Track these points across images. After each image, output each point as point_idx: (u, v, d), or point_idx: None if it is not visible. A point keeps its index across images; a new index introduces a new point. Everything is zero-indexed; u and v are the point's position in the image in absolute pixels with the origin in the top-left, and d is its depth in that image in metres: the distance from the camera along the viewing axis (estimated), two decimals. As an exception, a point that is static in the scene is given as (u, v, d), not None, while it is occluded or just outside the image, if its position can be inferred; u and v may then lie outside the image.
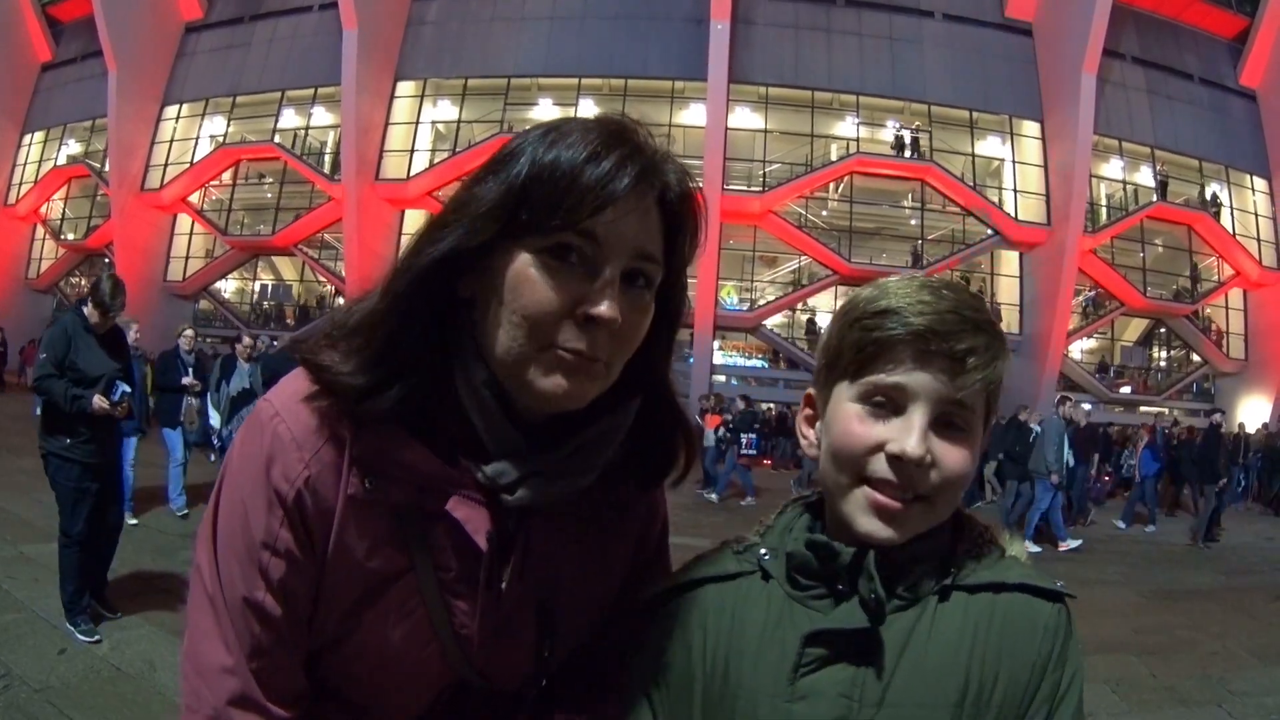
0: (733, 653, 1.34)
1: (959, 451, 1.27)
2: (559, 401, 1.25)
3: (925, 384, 1.26)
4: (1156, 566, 13.81)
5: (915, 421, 1.25)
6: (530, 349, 1.22)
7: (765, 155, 37.07)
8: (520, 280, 1.21)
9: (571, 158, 1.20)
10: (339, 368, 1.27)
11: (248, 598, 1.27)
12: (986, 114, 37.57)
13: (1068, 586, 1.36)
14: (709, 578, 1.43)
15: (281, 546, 1.27)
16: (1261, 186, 39.49)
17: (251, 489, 1.28)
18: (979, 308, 1.30)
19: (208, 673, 1.28)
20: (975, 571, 1.32)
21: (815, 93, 37.35)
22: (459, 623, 1.35)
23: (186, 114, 41.97)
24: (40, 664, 5.97)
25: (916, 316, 1.25)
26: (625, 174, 1.20)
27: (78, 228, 44.88)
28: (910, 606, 1.29)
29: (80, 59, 44.46)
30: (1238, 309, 39.98)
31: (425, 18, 38.44)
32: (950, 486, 1.28)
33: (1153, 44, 39.39)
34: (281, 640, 1.30)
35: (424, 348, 1.27)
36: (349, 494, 1.28)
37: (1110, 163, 38.74)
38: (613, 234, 1.21)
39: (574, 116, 1.32)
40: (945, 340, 1.25)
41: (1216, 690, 7.38)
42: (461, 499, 1.30)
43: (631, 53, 36.92)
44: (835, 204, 38.29)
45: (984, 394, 1.29)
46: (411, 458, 1.28)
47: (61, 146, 45.68)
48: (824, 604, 1.31)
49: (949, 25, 38.02)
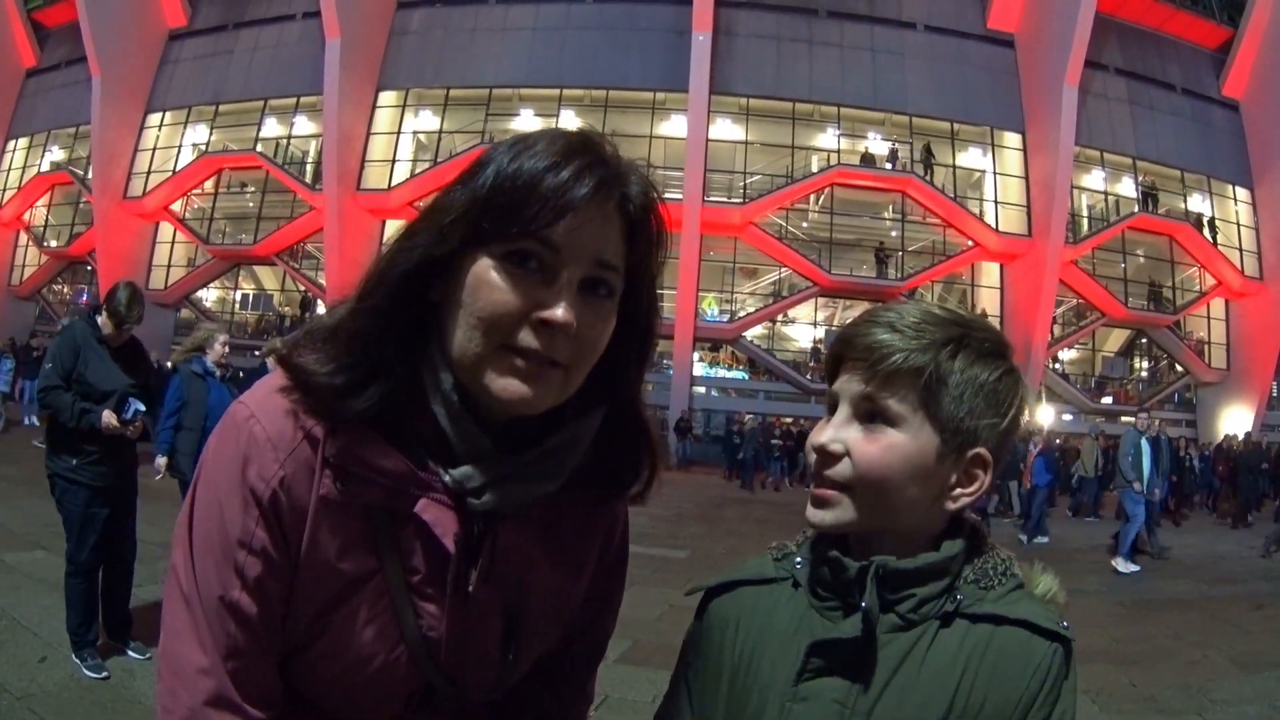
0: (758, 651, 1.44)
1: (873, 441, 1.34)
2: (515, 404, 1.27)
3: (843, 384, 1.39)
4: (1136, 576, 13.81)
5: (836, 417, 1.39)
6: (486, 350, 1.25)
7: (746, 167, 37.13)
8: (479, 283, 1.24)
9: (533, 167, 1.23)
10: (317, 369, 1.30)
11: (224, 597, 1.29)
12: (968, 125, 37.72)
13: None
14: (749, 580, 1.54)
15: (258, 545, 1.29)
16: (1244, 196, 39.61)
17: (228, 489, 1.29)
18: (924, 319, 1.38)
19: (183, 673, 1.29)
20: (982, 601, 1.35)
21: (796, 104, 37.45)
22: (426, 624, 1.37)
23: (169, 121, 41.99)
24: (21, 672, 5.95)
25: (847, 332, 1.42)
26: (584, 183, 1.23)
27: (60, 235, 44.90)
28: (911, 628, 1.33)
29: (64, 65, 44.52)
30: (1219, 319, 40.05)
31: (408, 28, 38.49)
32: (866, 481, 1.34)
33: (1135, 55, 39.56)
34: (257, 641, 1.31)
35: (398, 351, 1.30)
36: (321, 494, 1.30)
37: (1092, 174, 38.93)
38: (571, 241, 1.23)
39: (549, 129, 1.36)
40: (856, 346, 1.37)
41: (1197, 699, 7.34)
42: (430, 501, 1.32)
43: (613, 64, 37.01)
44: (816, 216, 38.42)
45: (912, 389, 1.34)
46: (382, 460, 1.30)
47: (45, 153, 45.67)
48: (837, 615, 1.38)
49: (931, 37, 38.15)
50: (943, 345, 1.35)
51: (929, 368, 1.33)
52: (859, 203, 37.88)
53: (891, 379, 1.33)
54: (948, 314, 1.40)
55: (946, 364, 1.34)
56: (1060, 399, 37.31)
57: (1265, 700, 7.39)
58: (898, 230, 37.79)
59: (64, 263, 45.38)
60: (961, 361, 1.35)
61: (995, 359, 1.39)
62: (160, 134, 41.87)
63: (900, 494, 1.35)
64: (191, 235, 41.04)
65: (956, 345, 1.36)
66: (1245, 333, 38.67)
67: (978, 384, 1.35)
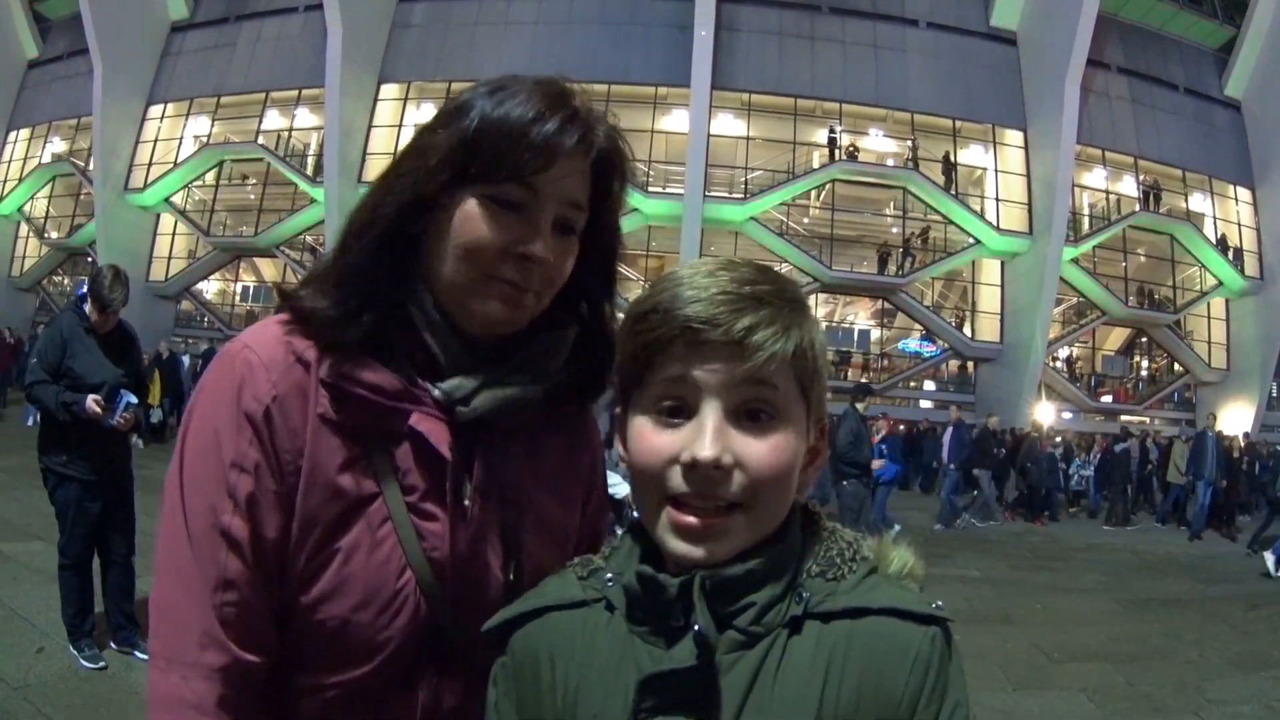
0: (581, 689, 1.19)
1: (765, 445, 1.12)
2: (495, 325, 1.40)
3: (707, 377, 1.12)
4: (1133, 575, 13.81)
5: (707, 421, 1.11)
6: (471, 279, 1.37)
7: (747, 162, 37.13)
8: (467, 220, 1.35)
9: (520, 116, 1.33)
10: (316, 303, 1.40)
11: (216, 524, 1.32)
12: (970, 122, 37.71)
13: (1043, 597, 1.23)
14: (555, 605, 1.27)
15: (249, 464, 1.33)
16: (1245, 196, 39.66)
17: (224, 415, 1.35)
18: (758, 279, 1.15)
19: (173, 610, 1.33)
20: (833, 595, 1.15)
21: (798, 100, 37.44)
22: (429, 545, 1.40)
23: (171, 113, 41.97)
24: (18, 662, 5.97)
25: (685, 307, 1.12)
26: (568, 135, 1.35)
27: (61, 226, 44.86)
28: (756, 643, 1.12)
29: (66, 56, 44.51)
30: (1220, 319, 40.07)
31: (410, 21, 38.45)
32: (766, 488, 1.12)
33: (1137, 54, 39.58)
34: (250, 573, 1.33)
35: (387, 281, 1.40)
36: (319, 413, 1.37)
37: (1093, 172, 38.98)
38: (550, 187, 1.36)
39: (518, 76, 1.43)
40: (719, 324, 1.10)
41: (1193, 698, 7.36)
42: (422, 415, 1.40)
43: (615, 58, 37.00)
44: (817, 211, 38.43)
45: (791, 372, 1.15)
46: (375, 378, 1.38)
47: (46, 144, 45.66)
48: (660, 640, 1.15)
49: (933, 34, 38.15)
50: (806, 310, 1.19)
51: (805, 341, 1.15)
52: (860, 198, 37.91)
53: (773, 363, 1.12)
54: (768, 269, 1.20)
55: (812, 332, 1.18)
56: (1060, 396, 37.29)
57: (1261, 700, 7.41)
58: (898, 227, 37.81)
59: (64, 254, 45.40)
60: (815, 325, 1.19)
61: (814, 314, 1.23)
62: (162, 126, 41.86)
63: (788, 495, 1.17)
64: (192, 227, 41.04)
65: (805, 307, 1.20)
66: (1245, 332, 38.70)
67: (822, 347, 1.21)
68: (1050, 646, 8.71)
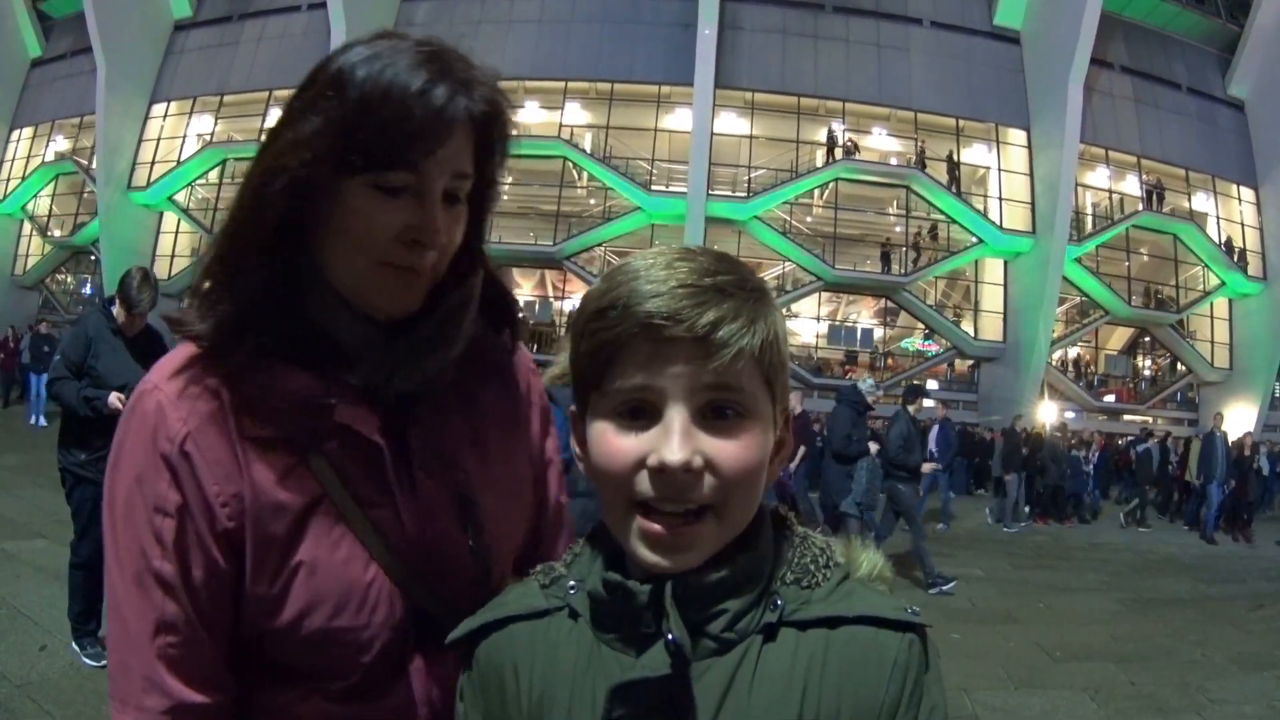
0: (547, 699, 1.16)
1: (735, 444, 1.07)
2: (396, 310, 1.38)
3: (672, 377, 1.06)
4: (1136, 574, 13.81)
5: (673, 424, 1.05)
6: (366, 268, 1.33)
7: (750, 160, 37.09)
8: (354, 211, 1.30)
9: (402, 91, 1.25)
10: (198, 327, 1.35)
11: (148, 568, 1.31)
12: (973, 121, 37.68)
13: (1046, 596, 1.20)
14: (517, 615, 1.23)
15: (171, 507, 1.31)
16: (1248, 196, 39.64)
17: (141, 460, 1.32)
18: (719, 269, 1.09)
19: (117, 651, 1.32)
20: (808, 604, 1.12)
21: (801, 98, 37.39)
22: (387, 532, 1.40)
23: (174, 112, 41.94)
24: (21, 660, 5.98)
25: (644, 303, 1.06)
26: (453, 108, 1.28)
27: (64, 225, 44.82)
28: (728, 650, 1.09)
29: (69, 55, 44.49)
30: (1223, 318, 40.03)
31: (413, 20, 38.35)
32: (738, 489, 1.08)
33: (1141, 53, 39.54)
34: (187, 613, 1.32)
35: (272, 288, 1.35)
36: (246, 437, 1.33)
37: (1096, 171, 38.92)
38: (436, 166, 1.30)
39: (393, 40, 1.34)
40: (681, 320, 1.04)
41: (1195, 698, 7.34)
42: (346, 406, 1.36)
43: (618, 57, 37.03)
44: (820, 210, 38.37)
45: (757, 367, 1.09)
46: (290, 383, 1.34)
47: (49, 143, 45.64)
48: (629, 648, 1.11)
49: (937, 33, 38.12)
50: (766, 300, 1.12)
51: (771, 334, 1.10)
52: (863, 197, 37.83)
53: (739, 358, 1.06)
54: (726, 256, 1.15)
55: (777, 324, 1.12)
56: (1063, 396, 37.26)
57: (1263, 700, 7.40)
58: (901, 226, 37.79)
59: (67, 253, 45.46)
60: (775, 314, 1.13)
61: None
62: (165, 124, 41.85)
63: (758, 494, 1.13)
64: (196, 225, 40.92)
65: (768, 296, 1.14)
66: (1249, 333, 38.66)
67: (785, 337, 1.15)
68: (1052, 645, 8.71)
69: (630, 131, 37.39)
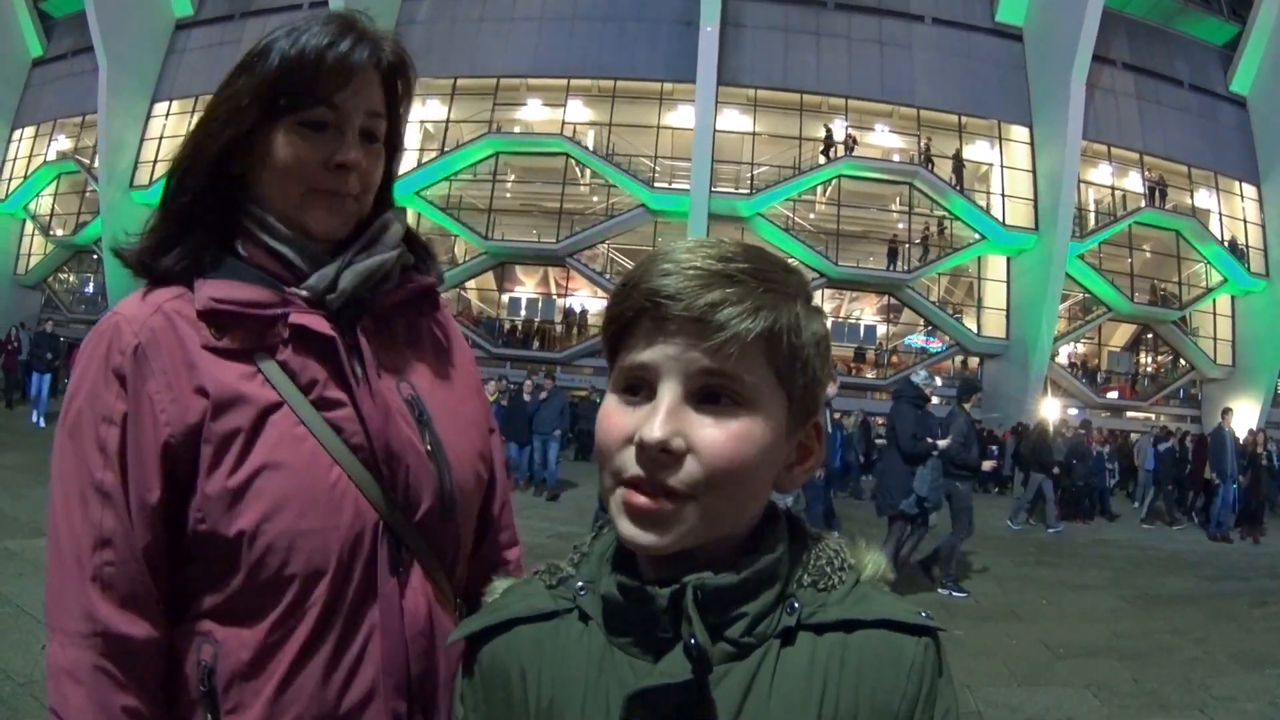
0: (557, 706, 1.12)
1: (723, 432, 1.04)
2: (329, 233, 1.57)
3: (667, 355, 1.05)
4: (1139, 571, 13.74)
5: (661, 402, 1.05)
6: (297, 195, 1.53)
7: (753, 158, 37.10)
8: (284, 148, 1.51)
9: (316, 45, 1.49)
10: (136, 245, 1.56)
11: (91, 480, 1.38)
12: (975, 118, 37.67)
13: (1049, 593, 1.18)
14: (523, 617, 1.19)
15: (117, 416, 1.39)
16: (1250, 193, 39.64)
17: (95, 374, 1.42)
18: (737, 258, 1.08)
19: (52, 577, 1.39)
20: (824, 607, 1.11)
21: (804, 95, 37.35)
22: (347, 433, 1.48)
23: (176, 111, 41.80)
24: (25, 658, 5.97)
25: (652, 281, 1.06)
26: (359, 53, 1.52)
27: (66, 224, 44.87)
28: (746, 655, 1.07)
29: (71, 54, 44.47)
30: (1225, 315, 40.05)
31: (415, 17, 38.31)
32: (722, 479, 1.04)
33: (1143, 50, 39.51)
34: (125, 528, 1.37)
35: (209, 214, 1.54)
36: (202, 346, 1.45)
37: (1099, 168, 38.91)
38: (351, 102, 1.53)
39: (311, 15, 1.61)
40: (681, 300, 1.03)
41: (1198, 695, 7.29)
42: (299, 312, 1.50)
43: (620, 54, 37.00)
44: (823, 207, 38.37)
45: (761, 354, 1.06)
46: (246, 294, 1.48)
47: (51, 142, 45.68)
48: (645, 653, 1.09)
49: (939, 29, 38.08)
50: (792, 295, 1.10)
51: (782, 326, 1.07)
52: (866, 194, 37.84)
53: (735, 343, 1.03)
54: (759, 250, 1.13)
55: (796, 319, 1.09)
56: (1066, 393, 37.26)
57: (1266, 698, 7.36)
58: (904, 223, 37.81)
59: (69, 252, 45.48)
60: (804, 313, 1.11)
61: (818, 308, 1.17)
62: (167, 123, 41.78)
63: (753, 491, 1.10)
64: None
65: (800, 294, 1.12)
66: (1251, 329, 38.66)
67: (818, 339, 1.13)
68: (1056, 642, 8.68)
69: (633, 129, 37.32)
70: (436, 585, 1.56)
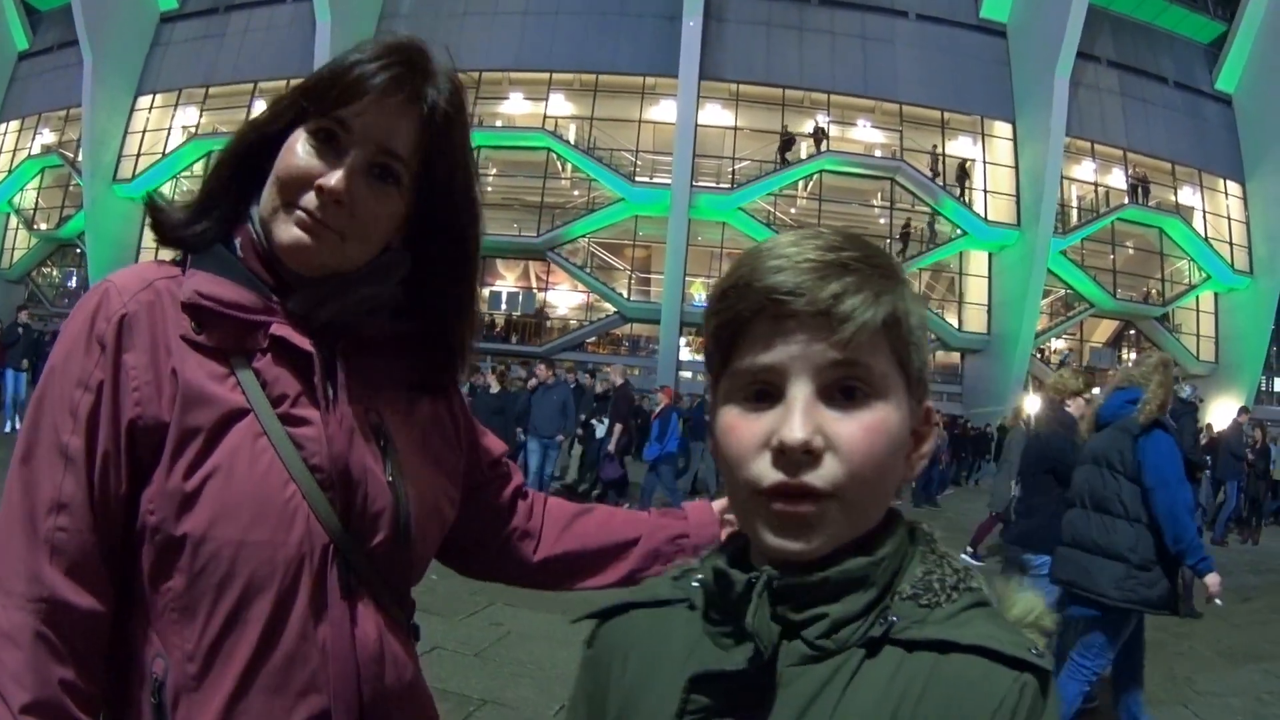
0: (645, 686, 1.12)
1: (862, 426, 1.00)
2: (294, 250, 1.43)
3: (794, 354, 1.00)
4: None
5: (795, 401, 1.00)
6: (277, 205, 1.43)
7: (735, 152, 37.25)
8: (287, 151, 1.43)
9: (351, 60, 1.42)
10: (170, 210, 1.54)
11: (56, 442, 1.35)
12: (958, 114, 37.83)
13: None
14: (639, 603, 1.20)
15: (93, 382, 1.36)
16: (1235, 191, 39.85)
17: (78, 337, 1.39)
18: (845, 246, 1.04)
19: (3, 532, 1.36)
20: (922, 623, 1.02)
21: (786, 90, 37.54)
22: (308, 451, 1.43)
23: (160, 104, 42.04)
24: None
25: (766, 278, 1.01)
26: (382, 75, 1.40)
27: (50, 218, 44.98)
28: (825, 658, 1.01)
29: (56, 48, 44.55)
30: (1209, 312, 40.23)
31: (399, 11, 38.46)
32: (863, 475, 1.00)
33: (1128, 47, 39.74)
34: (84, 495, 1.35)
35: (230, 201, 1.50)
36: (180, 335, 1.41)
37: (1082, 164, 39.11)
38: (362, 125, 1.41)
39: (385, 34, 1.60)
40: (802, 294, 0.99)
41: (1182, 690, 7.32)
42: (281, 324, 1.44)
43: (603, 48, 37.20)
44: (804, 201, 38.51)
45: (885, 341, 1.03)
46: (233, 295, 1.43)
47: (35, 136, 45.80)
48: (730, 642, 1.06)
49: (922, 25, 38.29)
50: (901, 279, 1.07)
51: (901, 311, 1.04)
52: (848, 189, 38.01)
53: (864, 332, 1.00)
54: (858, 236, 1.09)
55: (909, 303, 1.07)
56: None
57: (1250, 693, 7.42)
58: (886, 218, 37.91)
59: (54, 246, 45.59)
60: (911, 296, 1.08)
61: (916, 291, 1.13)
62: (150, 116, 41.98)
63: (889, 484, 1.05)
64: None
65: (904, 278, 1.09)
66: (1234, 326, 38.83)
67: (924, 321, 1.10)
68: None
69: (614, 123, 37.58)
70: (387, 613, 1.53)
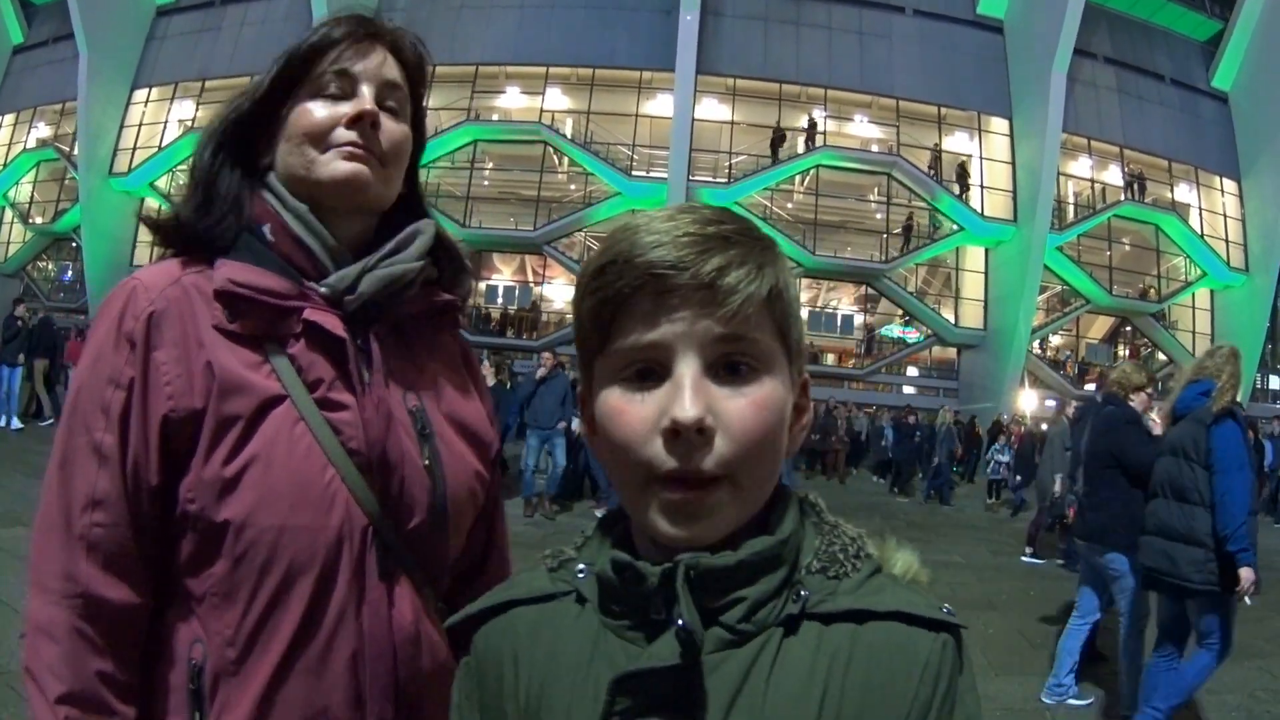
0: (546, 688, 1.06)
1: (750, 402, 0.98)
2: (348, 181, 1.53)
3: (679, 330, 0.97)
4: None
5: (684, 378, 0.96)
6: (313, 155, 1.52)
7: (731, 147, 37.15)
8: (300, 114, 1.54)
9: (325, 30, 1.58)
10: (175, 214, 1.56)
11: (90, 441, 1.39)
12: (955, 110, 37.76)
13: (1028, 582, 1.05)
14: (519, 600, 1.14)
15: (124, 380, 1.39)
16: (1231, 188, 39.84)
17: (107, 337, 1.42)
18: (723, 219, 1.01)
19: (40, 533, 1.40)
20: (834, 595, 1.01)
21: (783, 85, 37.45)
22: (346, 436, 1.46)
23: (156, 98, 41.74)
24: (3, 647, 5.92)
25: (645, 254, 0.98)
26: (339, 28, 1.57)
27: (45, 211, 44.72)
28: (746, 641, 0.98)
29: (52, 41, 44.26)
30: (1204, 309, 40.29)
31: (395, 5, 38.12)
32: (753, 453, 0.98)
33: (1124, 44, 39.69)
34: (119, 490, 1.38)
35: (231, 176, 1.56)
36: (214, 326, 1.44)
37: (1078, 161, 39.02)
38: (363, 70, 1.56)
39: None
40: (685, 268, 0.96)
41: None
42: (314, 309, 1.49)
43: (600, 42, 37.07)
44: (801, 196, 38.46)
45: (768, 314, 1.01)
46: (265, 281, 1.46)
47: (31, 129, 45.45)
48: (639, 636, 1.02)
49: (919, 21, 38.20)
50: (777, 251, 1.05)
51: (781, 282, 1.03)
52: (845, 184, 37.88)
53: (750, 306, 0.98)
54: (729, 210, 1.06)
55: (784, 274, 1.04)
56: (1044, 384, 37.37)
57: (1245, 689, 7.40)
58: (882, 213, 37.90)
59: (49, 239, 45.42)
60: (783, 264, 1.05)
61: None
62: (146, 110, 41.67)
63: (775, 461, 1.03)
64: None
65: (778, 249, 1.06)
66: (1230, 323, 38.71)
67: (796, 290, 1.08)
68: (1033, 632, 8.71)
69: (611, 117, 37.41)
70: (423, 595, 1.55)
